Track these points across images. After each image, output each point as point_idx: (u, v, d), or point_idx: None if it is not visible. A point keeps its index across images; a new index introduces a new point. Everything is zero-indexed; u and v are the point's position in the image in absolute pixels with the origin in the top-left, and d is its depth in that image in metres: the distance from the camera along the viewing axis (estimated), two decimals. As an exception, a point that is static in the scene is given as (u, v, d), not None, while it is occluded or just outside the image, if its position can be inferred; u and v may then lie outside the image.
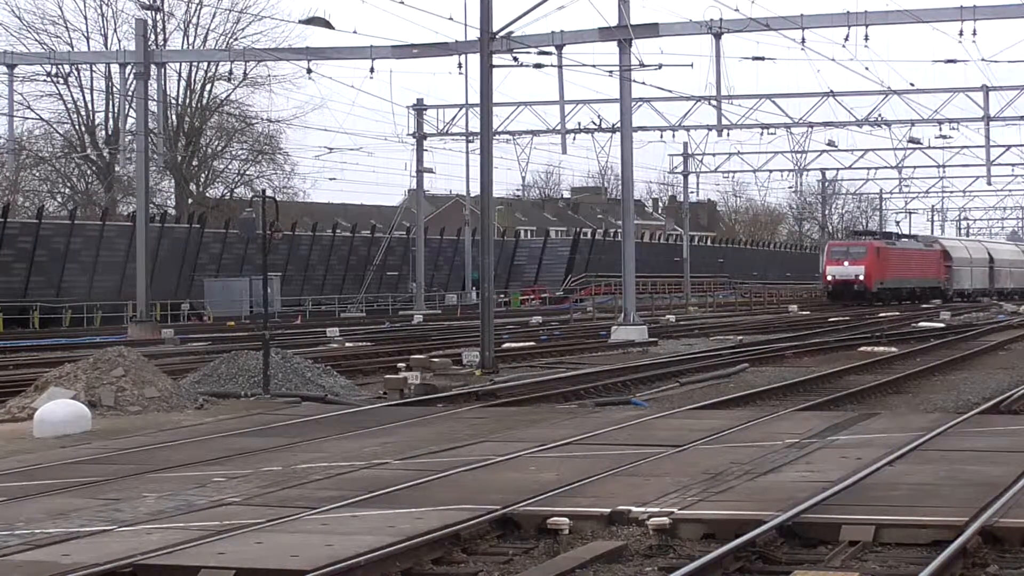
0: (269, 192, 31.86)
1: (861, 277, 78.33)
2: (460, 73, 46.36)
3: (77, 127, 78.96)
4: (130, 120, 52.62)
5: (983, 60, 49.08)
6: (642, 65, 42.87)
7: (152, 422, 20.65)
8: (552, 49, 44.25)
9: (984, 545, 11.02)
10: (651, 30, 43.67)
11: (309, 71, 49.75)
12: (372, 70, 47.97)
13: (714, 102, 52.96)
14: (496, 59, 34.45)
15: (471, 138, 64.37)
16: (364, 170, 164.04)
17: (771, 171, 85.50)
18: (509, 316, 63.83)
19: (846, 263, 78.99)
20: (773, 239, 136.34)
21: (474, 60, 34.28)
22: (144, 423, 20.56)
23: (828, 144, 73.53)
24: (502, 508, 12.25)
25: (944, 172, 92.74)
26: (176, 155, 75.82)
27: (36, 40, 74.52)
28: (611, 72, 43.60)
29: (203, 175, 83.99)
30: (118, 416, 21.48)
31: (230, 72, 64.66)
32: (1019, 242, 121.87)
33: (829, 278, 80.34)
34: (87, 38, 76.49)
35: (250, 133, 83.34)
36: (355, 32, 41.40)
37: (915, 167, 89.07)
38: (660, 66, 43.30)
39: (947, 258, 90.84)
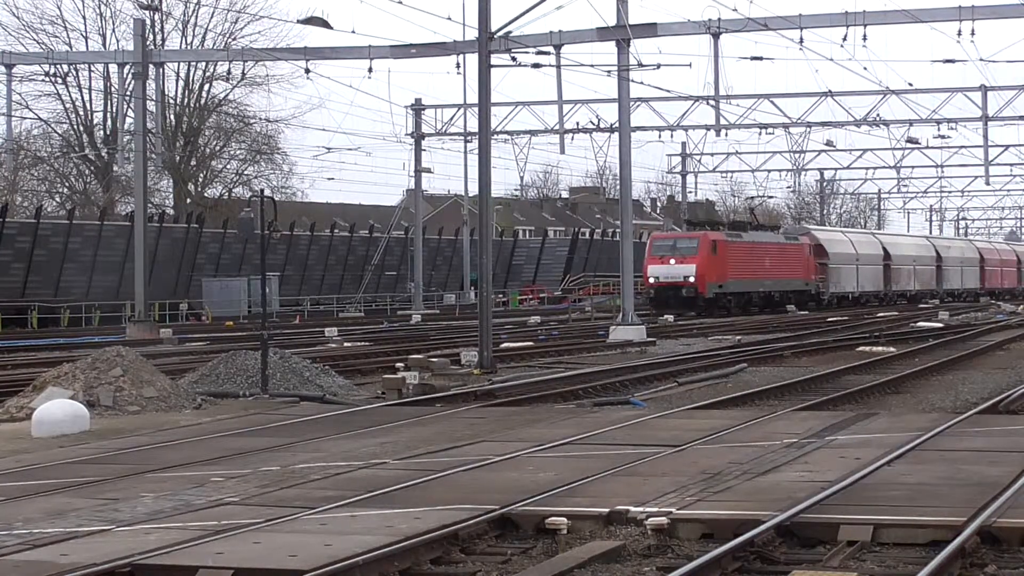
0: (267, 192, 31.92)
1: (691, 279, 62.13)
2: (458, 73, 46.38)
3: (75, 127, 78.97)
4: (128, 120, 52.67)
5: (981, 60, 49.11)
6: (640, 65, 42.88)
7: (150, 422, 20.64)
8: (550, 49, 44.27)
9: (982, 545, 11.02)
10: (649, 30, 43.69)
11: (307, 71, 49.82)
12: (370, 70, 48.01)
13: (712, 102, 52.98)
14: (494, 59, 34.45)
15: (469, 138, 64.40)
16: (362, 170, 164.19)
17: (769, 171, 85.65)
18: (508, 316, 63.84)
19: (672, 261, 62.73)
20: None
21: (472, 60, 34.32)
22: (142, 423, 20.56)
23: (826, 144, 73.57)
24: (500, 508, 12.25)
25: (942, 172, 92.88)
26: (174, 155, 75.82)
27: (35, 40, 74.60)
28: (609, 72, 43.62)
29: (201, 175, 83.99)
30: (116, 416, 21.49)
31: (228, 72, 64.79)
32: (933, 236, 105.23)
33: (651, 280, 63.83)
34: (85, 38, 76.54)
35: (248, 133, 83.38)
36: (353, 32, 41.36)
37: (913, 167, 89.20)
38: (658, 66, 43.33)
39: (821, 254, 74.32)
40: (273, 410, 22.28)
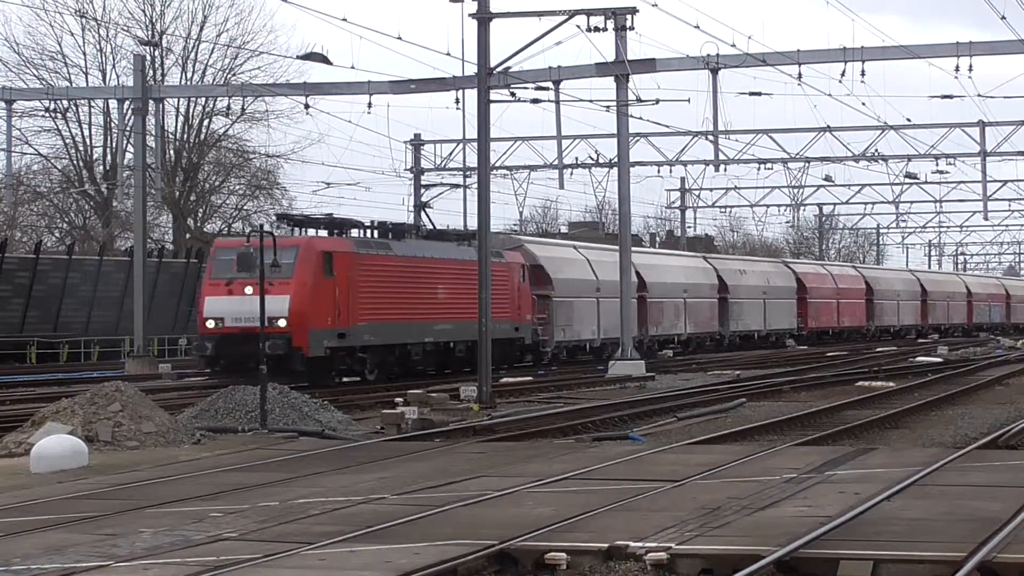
0: (267, 227, 31.90)
1: (281, 323, 34.35)
2: (457, 108, 46.37)
3: (75, 162, 79.01)
4: (128, 155, 52.77)
5: (979, 96, 49.15)
6: (639, 100, 43.03)
7: (149, 457, 20.62)
8: (549, 84, 44.33)
9: (983, 580, 11.00)
10: (648, 65, 43.79)
11: (307, 106, 49.91)
12: (370, 105, 48.11)
13: (711, 137, 53.08)
14: (493, 94, 34.52)
15: (468, 173, 64.47)
16: (362, 205, 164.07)
17: (768, 206, 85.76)
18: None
19: (249, 289, 34.04)
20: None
21: (471, 95, 34.34)
22: (141, 458, 20.54)
23: (825, 179, 73.71)
24: (499, 543, 12.23)
25: (941, 207, 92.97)
26: (174, 190, 75.90)
27: (35, 75, 74.54)
28: (608, 107, 43.75)
29: (201, 210, 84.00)
30: (115, 451, 21.46)
31: (228, 107, 64.91)
32: (713, 256, 73.03)
33: (209, 324, 35.84)
34: (86, 74, 76.55)
35: (248, 168, 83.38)
36: (353, 68, 41.37)
37: (912, 202, 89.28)
38: (657, 101, 43.44)
39: (542, 281, 49.28)
40: (272, 445, 22.26)
